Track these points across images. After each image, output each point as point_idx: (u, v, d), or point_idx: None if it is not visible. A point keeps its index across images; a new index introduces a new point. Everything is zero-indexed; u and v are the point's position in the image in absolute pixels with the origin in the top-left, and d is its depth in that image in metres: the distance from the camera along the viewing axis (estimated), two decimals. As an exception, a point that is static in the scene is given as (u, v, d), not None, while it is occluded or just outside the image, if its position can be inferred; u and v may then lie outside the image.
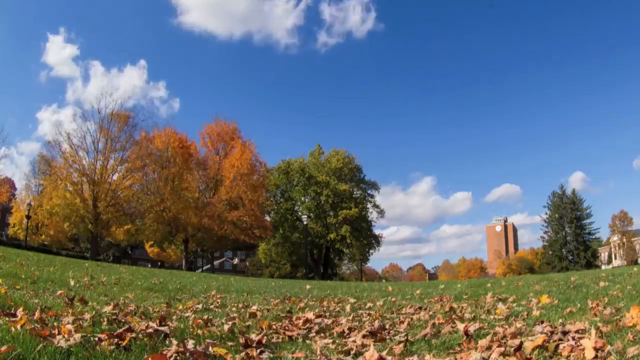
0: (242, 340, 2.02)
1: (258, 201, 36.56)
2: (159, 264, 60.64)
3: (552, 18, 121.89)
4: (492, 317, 3.61)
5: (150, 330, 2.11)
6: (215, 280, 12.48)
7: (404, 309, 4.28)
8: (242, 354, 1.81)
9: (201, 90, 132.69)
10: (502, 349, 2.30)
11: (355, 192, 51.87)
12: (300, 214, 49.75)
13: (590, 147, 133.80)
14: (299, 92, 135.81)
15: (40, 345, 1.88)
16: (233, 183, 35.24)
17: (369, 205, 52.66)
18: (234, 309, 4.14)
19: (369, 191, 53.51)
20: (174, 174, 33.89)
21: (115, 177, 32.83)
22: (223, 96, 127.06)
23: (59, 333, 2.13)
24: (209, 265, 60.27)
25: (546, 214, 60.21)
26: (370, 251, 53.24)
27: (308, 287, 9.77)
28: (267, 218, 43.98)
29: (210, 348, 1.74)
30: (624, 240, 59.99)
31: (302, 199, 50.72)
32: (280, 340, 2.41)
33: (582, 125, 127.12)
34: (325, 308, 4.39)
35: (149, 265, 51.65)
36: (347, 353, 2.06)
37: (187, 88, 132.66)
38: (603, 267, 54.72)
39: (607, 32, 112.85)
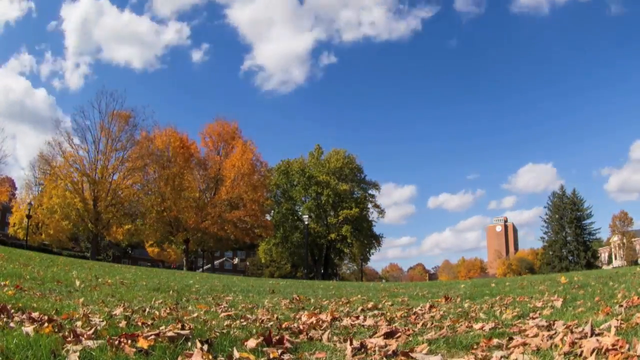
0: (264, 341, 2.00)
1: (259, 201, 36.55)
2: (160, 264, 60.59)
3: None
4: (504, 316, 3.61)
5: (170, 333, 2.09)
6: (218, 280, 12.46)
7: (414, 309, 4.27)
8: (265, 357, 1.80)
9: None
10: (522, 348, 2.29)
11: (355, 192, 51.96)
12: (300, 213, 49.78)
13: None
14: (304, 90, 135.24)
15: (63, 350, 1.85)
16: (234, 183, 35.24)
17: (369, 205, 52.74)
18: (245, 309, 4.12)
19: (370, 191, 53.62)
20: (175, 173, 33.87)
21: (115, 177, 32.81)
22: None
23: (75, 336, 2.10)
24: (209, 265, 60.25)
25: (546, 214, 60.23)
26: (371, 251, 53.37)
27: (313, 287, 9.76)
28: (268, 218, 43.99)
29: (235, 352, 1.72)
30: (624, 240, 60.07)
31: (303, 199, 50.75)
32: (299, 340, 2.39)
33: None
34: (335, 308, 4.37)
35: (150, 265, 51.61)
36: (370, 355, 2.04)
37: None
38: (603, 267, 54.79)
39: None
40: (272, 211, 48.54)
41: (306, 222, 34.95)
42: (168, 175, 33.69)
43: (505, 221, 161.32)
